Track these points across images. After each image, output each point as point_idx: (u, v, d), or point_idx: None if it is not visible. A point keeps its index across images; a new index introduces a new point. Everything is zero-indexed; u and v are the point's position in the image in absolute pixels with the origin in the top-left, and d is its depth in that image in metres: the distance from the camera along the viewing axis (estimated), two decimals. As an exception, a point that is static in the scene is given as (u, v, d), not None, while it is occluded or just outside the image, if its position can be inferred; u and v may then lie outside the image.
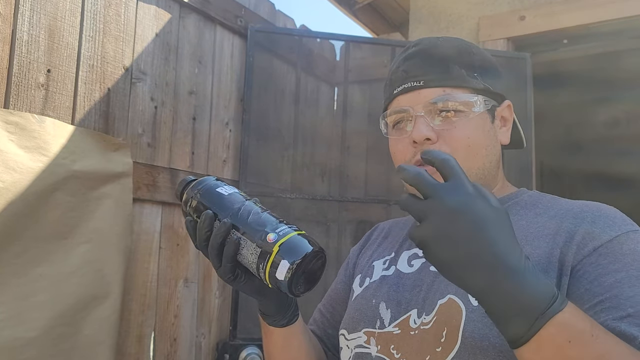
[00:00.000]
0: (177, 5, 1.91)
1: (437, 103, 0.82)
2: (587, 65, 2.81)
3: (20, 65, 1.41)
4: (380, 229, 1.07)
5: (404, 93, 0.85)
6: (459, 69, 0.84)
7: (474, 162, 0.83)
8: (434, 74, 0.83)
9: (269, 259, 0.70)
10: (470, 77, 0.84)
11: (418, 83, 0.83)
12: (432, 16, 2.58)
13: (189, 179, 0.83)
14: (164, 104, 1.85)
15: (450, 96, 0.82)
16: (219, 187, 0.79)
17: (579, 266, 0.72)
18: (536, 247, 0.76)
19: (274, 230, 0.72)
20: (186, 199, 0.81)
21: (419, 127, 0.81)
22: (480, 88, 0.84)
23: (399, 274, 0.88)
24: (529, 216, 0.82)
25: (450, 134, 0.82)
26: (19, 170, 1.34)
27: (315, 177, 2.59)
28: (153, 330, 1.77)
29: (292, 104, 2.36)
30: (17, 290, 1.33)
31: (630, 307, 0.66)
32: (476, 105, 0.83)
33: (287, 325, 0.87)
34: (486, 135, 0.85)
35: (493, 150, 0.86)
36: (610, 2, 2.16)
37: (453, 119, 0.82)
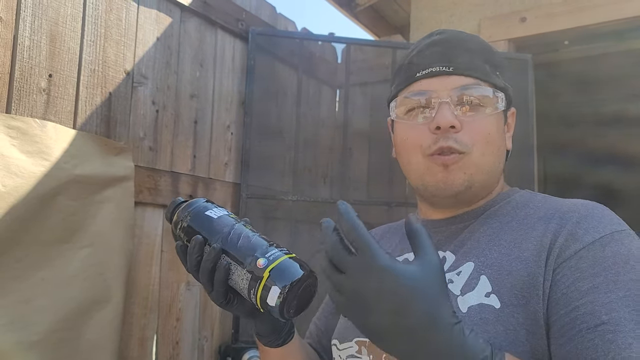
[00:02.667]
0: (178, 9, 1.91)
1: (465, 92, 0.80)
2: (588, 66, 2.81)
3: (21, 70, 1.42)
4: (372, 233, 1.05)
5: (429, 77, 0.81)
6: (484, 64, 0.82)
7: (488, 159, 0.81)
8: (464, 63, 0.81)
9: (260, 284, 0.69)
10: (493, 74, 0.83)
11: (447, 68, 0.80)
12: (433, 18, 2.58)
13: (179, 200, 0.82)
14: (165, 107, 1.86)
15: (479, 87, 0.80)
16: (208, 209, 0.78)
17: (558, 269, 0.70)
18: (524, 249, 0.74)
19: (264, 255, 0.71)
20: (176, 221, 0.80)
21: (444, 113, 0.78)
22: (502, 86, 0.83)
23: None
24: (519, 216, 0.81)
25: (472, 127, 0.80)
26: (20, 175, 1.35)
27: (317, 179, 2.59)
28: (155, 334, 1.77)
29: (294, 106, 2.37)
30: (19, 295, 1.33)
31: (604, 314, 0.65)
32: (499, 102, 0.82)
33: (282, 345, 0.85)
34: (501, 134, 0.84)
35: (502, 150, 0.85)
36: (610, 3, 2.16)
37: (473, 112, 0.80)
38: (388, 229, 1.03)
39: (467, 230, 0.83)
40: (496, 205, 0.84)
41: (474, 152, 0.79)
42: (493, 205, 0.85)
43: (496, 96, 0.81)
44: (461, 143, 0.79)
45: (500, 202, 0.85)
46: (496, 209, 0.84)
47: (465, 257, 0.79)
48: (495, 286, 0.73)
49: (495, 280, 0.73)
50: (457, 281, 0.77)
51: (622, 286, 0.66)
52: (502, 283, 0.73)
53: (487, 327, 0.70)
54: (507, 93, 0.84)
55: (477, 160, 0.80)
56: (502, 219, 0.82)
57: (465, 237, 0.82)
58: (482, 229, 0.82)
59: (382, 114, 2.94)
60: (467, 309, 0.73)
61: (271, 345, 0.85)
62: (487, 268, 0.75)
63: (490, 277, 0.74)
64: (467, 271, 0.77)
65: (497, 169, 0.84)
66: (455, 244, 0.82)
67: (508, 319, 0.70)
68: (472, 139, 0.79)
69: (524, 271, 0.72)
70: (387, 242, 0.98)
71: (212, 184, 2.02)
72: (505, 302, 0.71)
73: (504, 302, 0.71)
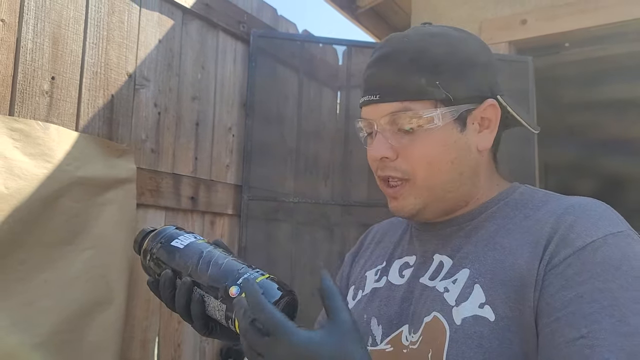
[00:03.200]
0: (179, 11, 1.92)
1: (394, 118, 0.77)
2: (589, 67, 2.81)
3: (24, 72, 1.42)
4: (374, 232, 1.02)
5: (365, 105, 0.81)
6: (418, 78, 0.76)
7: (437, 178, 0.78)
8: (389, 86, 0.78)
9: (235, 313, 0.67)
10: (430, 86, 0.76)
11: (375, 97, 0.79)
12: (434, 20, 2.58)
13: (147, 230, 0.79)
14: (167, 109, 1.86)
15: (404, 112, 0.76)
16: (174, 239, 0.75)
17: (546, 277, 0.67)
18: (518, 256, 0.71)
19: (235, 282, 0.67)
20: (144, 251, 0.77)
21: (376, 145, 0.79)
22: (441, 98, 0.76)
23: (390, 286, 0.85)
24: (517, 218, 0.77)
25: (409, 153, 0.78)
26: (23, 177, 1.35)
27: (319, 181, 2.60)
28: (157, 336, 1.77)
29: (295, 108, 2.37)
30: (22, 296, 1.34)
31: (584, 327, 0.62)
32: (435, 120, 0.76)
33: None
34: (451, 147, 0.78)
35: (464, 160, 0.79)
36: (611, 5, 2.17)
37: (412, 135, 0.77)
38: (390, 225, 1.00)
39: (463, 233, 0.81)
40: (494, 207, 0.81)
41: (417, 176, 0.78)
42: (491, 206, 0.82)
43: (429, 115, 0.76)
44: (401, 170, 0.78)
45: (498, 203, 0.82)
46: (494, 211, 0.81)
47: (462, 263, 0.77)
48: (489, 296, 0.71)
49: (488, 290, 0.71)
50: (453, 290, 0.75)
51: (609, 295, 0.63)
52: (496, 293, 0.70)
53: (482, 342, 0.68)
54: (458, 98, 0.77)
55: (423, 184, 0.78)
56: (500, 221, 0.79)
57: (462, 241, 0.80)
58: (479, 232, 0.79)
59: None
60: (461, 321, 0.71)
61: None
62: (480, 276, 0.73)
63: (483, 286, 0.72)
64: (462, 279, 0.75)
65: (462, 179, 0.80)
66: (451, 248, 0.80)
67: (503, 333, 0.68)
68: (411, 164, 0.78)
69: (517, 281, 0.70)
70: (389, 239, 0.95)
71: (214, 185, 2.03)
72: (500, 314, 0.69)
73: (498, 314, 0.69)
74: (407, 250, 0.88)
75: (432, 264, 0.81)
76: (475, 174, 0.81)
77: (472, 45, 0.82)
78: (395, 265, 0.88)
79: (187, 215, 1.91)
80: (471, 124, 0.79)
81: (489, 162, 0.85)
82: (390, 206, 0.83)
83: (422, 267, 0.82)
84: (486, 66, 0.81)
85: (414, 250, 0.86)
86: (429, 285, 0.78)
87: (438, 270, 0.79)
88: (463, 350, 0.69)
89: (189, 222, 1.92)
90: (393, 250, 0.91)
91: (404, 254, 0.88)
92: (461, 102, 0.78)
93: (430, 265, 0.81)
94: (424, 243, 0.85)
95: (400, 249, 0.90)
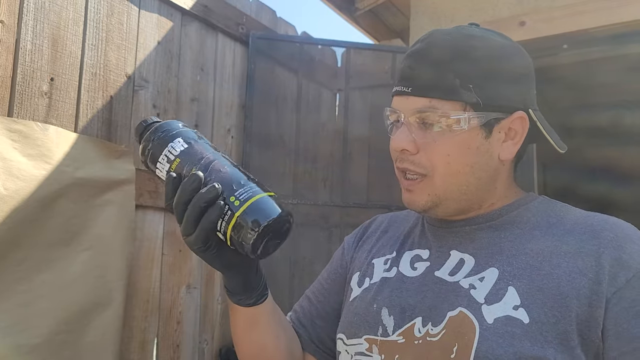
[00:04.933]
0: (179, 13, 1.92)
1: (422, 114, 0.78)
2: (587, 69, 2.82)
3: (23, 73, 1.42)
4: (378, 221, 1.02)
5: (397, 95, 0.81)
6: (453, 78, 0.76)
7: (454, 180, 0.79)
8: (423, 80, 0.78)
9: (232, 219, 0.67)
10: (463, 88, 0.76)
11: (406, 89, 0.79)
12: (433, 22, 2.59)
13: (151, 120, 0.78)
14: (166, 111, 1.86)
15: (433, 109, 0.76)
16: (193, 138, 0.75)
17: (613, 299, 0.70)
18: (555, 265, 0.73)
19: (241, 187, 0.69)
20: (160, 147, 0.74)
21: (399, 136, 0.79)
22: (472, 102, 0.76)
23: (401, 277, 0.84)
24: (542, 225, 0.79)
25: (431, 149, 0.78)
26: (22, 178, 1.35)
27: (317, 182, 2.60)
28: (156, 337, 1.77)
29: (294, 110, 2.38)
30: (20, 297, 1.34)
31: None
32: (461, 123, 0.76)
33: (253, 305, 0.82)
34: (474, 152, 0.78)
35: (484, 166, 0.80)
36: (610, 7, 2.17)
37: (434, 133, 0.77)
38: (395, 217, 1.00)
39: (485, 234, 0.81)
40: (514, 211, 0.82)
41: (435, 174, 0.78)
42: (511, 210, 0.83)
43: (457, 117, 0.76)
44: (419, 165, 0.79)
45: (518, 208, 0.83)
46: (514, 215, 0.82)
47: (488, 262, 0.77)
48: (524, 300, 0.72)
49: (524, 294, 0.72)
50: (481, 288, 0.75)
51: None
52: (532, 298, 0.71)
53: (514, 342, 0.69)
54: (488, 105, 0.77)
55: (439, 182, 0.79)
56: (524, 226, 0.80)
57: (484, 241, 0.81)
58: (502, 234, 0.80)
59: (381, 118, 2.93)
60: (493, 320, 0.71)
61: (241, 304, 0.82)
62: (515, 279, 0.74)
63: (519, 289, 0.73)
64: (491, 278, 0.75)
65: (478, 185, 0.80)
66: (473, 247, 0.81)
67: (536, 336, 0.69)
68: (431, 161, 0.78)
69: (555, 290, 0.71)
70: (395, 231, 0.95)
71: (213, 187, 2.03)
72: (535, 318, 0.70)
73: (533, 318, 0.70)
74: (418, 244, 0.88)
75: (449, 259, 0.82)
76: (492, 180, 0.82)
77: (513, 55, 0.82)
78: (405, 256, 0.88)
79: (186, 217, 1.91)
80: (497, 132, 0.80)
81: (509, 171, 0.86)
82: (404, 197, 0.83)
83: (437, 262, 0.83)
84: (523, 78, 0.82)
85: (427, 245, 0.87)
86: (449, 281, 0.79)
87: (459, 266, 0.80)
88: (493, 347, 0.69)
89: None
90: (403, 241, 0.91)
91: (414, 246, 0.88)
92: (491, 110, 0.77)
93: (446, 260, 0.82)
94: (439, 238, 0.86)
95: (411, 241, 0.90)
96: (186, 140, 0.74)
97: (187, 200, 0.69)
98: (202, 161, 0.72)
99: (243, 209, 0.67)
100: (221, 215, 0.68)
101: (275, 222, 0.68)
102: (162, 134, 0.74)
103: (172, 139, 0.74)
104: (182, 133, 0.75)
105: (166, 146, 0.73)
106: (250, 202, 0.67)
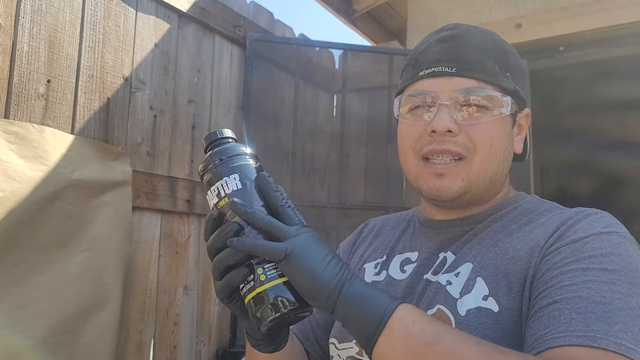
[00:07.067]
0: (176, 15, 1.93)
1: (468, 94, 0.77)
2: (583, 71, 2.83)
3: (20, 75, 1.43)
4: (371, 225, 1.02)
5: (432, 77, 0.79)
6: (494, 65, 0.78)
7: (492, 164, 0.79)
8: (469, 63, 0.78)
9: (254, 291, 0.65)
10: (503, 75, 0.78)
11: (450, 69, 0.77)
12: (430, 24, 2.60)
13: (221, 135, 0.74)
14: (163, 113, 1.87)
15: (482, 90, 0.77)
16: (250, 178, 0.69)
17: (539, 265, 0.70)
18: (519, 250, 0.74)
19: (273, 264, 0.66)
20: (215, 177, 0.70)
21: (442, 116, 0.76)
22: (511, 89, 0.79)
23: (390, 280, 0.85)
24: (522, 222, 0.80)
25: (475, 130, 0.77)
26: (19, 180, 1.35)
27: (315, 184, 2.60)
28: (153, 338, 1.78)
29: (291, 112, 2.38)
30: (17, 299, 1.34)
31: (559, 295, 0.64)
32: (504, 106, 0.78)
33: (273, 352, 0.79)
34: (507, 138, 0.80)
35: (509, 156, 0.82)
36: (605, 10, 2.18)
37: (476, 115, 0.77)
38: (387, 220, 1.01)
39: (471, 233, 0.82)
40: (503, 210, 0.83)
41: (476, 157, 0.78)
42: (499, 210, 0.84)
43: (502, 100, 0.78)
44: (461, 146, 0.77)
45: (507, 207, 0.84)
46: (502, 214, 0.83)
47: (464, 257, 0.79)
48: (492, 289, 0.72)
49: (491, 283, 0.73)
50: (456, 283, 0.76)
51: (590, 273, 0.65)
52: (499, 285, 0.72)
53: (487, 332, 0.69)
54: (519, 95, 0.81)
55: (478, 166, 0.78)
56: (506, 223, 0.81)
57: (468, 239, 0.82)
58: (485, 231, 0.81)
59: (378, 119, 2.96)
60: (465, 312, 0.72)
61: (261, 350, 0.79)
62: (482, 270, 0.75)
63: (486, 279, 0.73)
64: (465, 272, 0.76)
65: (501, 174, 0.82)
66: (457, 245, 0.82)
67: (507, 323, 0.69)
68: (474, 143, 0.77)
69: (519, 273, 0.72)
70: (387, 234, 0.96)
71: (210, 188, 2.03)
72: (503, 305, 0.70)
73: (501, 305, 0.71)
74: (408, 246, 0.89)
75: (436, 261, 0.82)
76: (507, 172, 0.84)
77: (522, 60, 0.87)
78: (396, 260, 0.88)
79: (183, 218, 1.92)
80: (515, 125, 0.84)
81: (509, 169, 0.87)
82: (432, 185, 0.79)
83: (426, 264, 0.83)
84: (527, 79, 0.87)
85: (417, 247, 0.87)
86: (432, 280, 0.79)
87: (441, 265, 0.81)
88: None
89: (184, 225, 1.92)
90: (394, 245, 0.92)
91: (405, 249, 0.89)
92: (518, 101, 0.82)
93: (433, 261, 0.82)
94: (429, 240, 0.86)
95: (402, 244, 0.91)
96: (242, 180, 0.69)
97: (219, 248, 0.67)
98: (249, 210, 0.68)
99: (266, 287, 0.65)
100: (244, 281, 0.66)
101: (294, 311, 0.65)
102: (223, 162, 0.70)
103: (229, 174, 0.69)
104: (241, 168, 0.70)
105: (221, 179, 0.69)
106: (276, 284, 0.65)
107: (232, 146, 0.73)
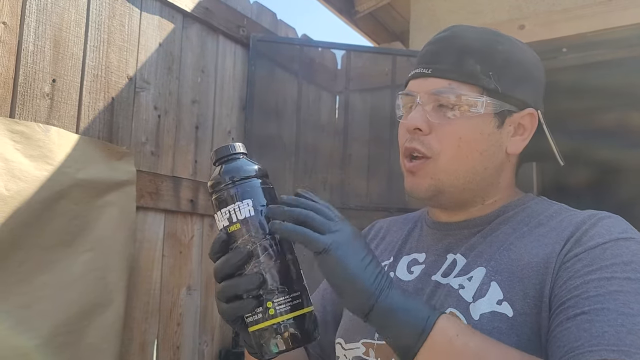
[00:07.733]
0: (180, 15, 1.93)
1: (438, 95, 0.78)
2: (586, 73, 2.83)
3: (25, 75, 1.43)
4: (377, 227, 1.02)
5: (414, 78, 0.82)
6: (474, 64, 0.79)
7: (462, 164, 0.79)
8: (445, 64, 0.79)
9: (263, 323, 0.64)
10: (483, 74, 0.78)
11: (427, 70, 0.80)
12: (432, 25, 2.60)
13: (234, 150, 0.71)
14: (167, 112, 1.87)
15: (452, 90, 0.78)
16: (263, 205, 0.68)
17: (558, 272, 0.70)
18: (534, 255, 0.74)
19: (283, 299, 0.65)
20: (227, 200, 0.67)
21: (413, 114, 0.79)
22: (490, 88, 0.78)
23: (398, 282, 0.84)
24: (532, 223, 0.80)
25: (443, 129, 0.78)
26: (24, 179, 1.35)
27: (317, 185, 2.60)
28: (156, 338, 1.78)
29: (294, 112, 2.38)
30: (21, 298, 1.34)
31: (587, 306, 0.63)
32: (477, 106, 0.78)
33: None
34: (485, 139, 0.79)
35: (492, 156, 0.81)
36: (608, 11, 2.19)
37: (449, 115, 0.78)
38: (394, 222, 1.00)
39: (480, 235, 0.82)
40: (511, 212, 0.83)
41: (442, 156, 0.78)
42: (507, 211, 0.83)
43: (475, 100, 0.77)
44: (427, 146, 0.79)
45: (515, 209, 0.83)
46: (510, 215, 0.82)
47: (476, 261, 0.78)
48: (507, 293, 0.72)
49: (506, 287, 0.72)
50: (469, 287, 0.75)
51: (615, 282, 0.65)
52: (514, 290, 0.71)
53: (501, 337, 0.68)
54: (504, 95, 0.79)
55: (444, 165, 0.78)
56: (516, 225, 0.80)
57: (477, 240, 0.81)
58: (494, 233, 0.80)
59: (381, 120, 2.96)
60: (479, 317, 0.71)
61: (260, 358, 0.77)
62: (497, 274, 0.74)
63: (500, 283, 0.73)
64: (478, 277, 0.76)
65: (484, 174, 0.81)
66: (466, 247, 0.81)
67: (522, 328, 0.69)
68: (440, 142, 0.78)
69: (535, 279, 0.71)
70: (393, 236, 0.96)
71: (213, 189, 2.03)
72: (518, 310, 0.70)
73: (516, 310, 0.70)
74: (415, 247, 0.89)
75: (445, 262, 0.81)
76: (497, 173, 0.83)
77: (532, 59, 0.85)
78: (403, 261, 0.88)
79: (186, 218, 1.92)
80: (508, 125, 0.82)
81: (513, 169, 0.86)
82: (406, 183, 0.82)
83: (434, 265, 0.83)
84: (537, 81, 0.84)
85: (425, 248, 0.87)
86: (442, 282, 0.79)
87: (451, 267, 0.80)
88: None
89: (188, 225, 1.92)
90: (401, 246, 0.91)
91: (412, 250, 0.89)
92: (506, 100, 0.80)
93: (442, 263, 0.82)
94: (436, 241, 0.86)
95: (409, 245, 0.90)
96: (255, 207, 0.67)
97: (226, 275, 0.65)
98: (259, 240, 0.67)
99: (274, 322, 0.64)
100: (250, 312, 0.65)
101: (300, 346, 0.65)
102: (235, 184, 0.68)
103: (243, 198, 0.67)
104: (255, 194, 0.68)
105: (233, 203, 0.67)
106: (285, 319, 0.64)
107: (243, 165, 0.70)
